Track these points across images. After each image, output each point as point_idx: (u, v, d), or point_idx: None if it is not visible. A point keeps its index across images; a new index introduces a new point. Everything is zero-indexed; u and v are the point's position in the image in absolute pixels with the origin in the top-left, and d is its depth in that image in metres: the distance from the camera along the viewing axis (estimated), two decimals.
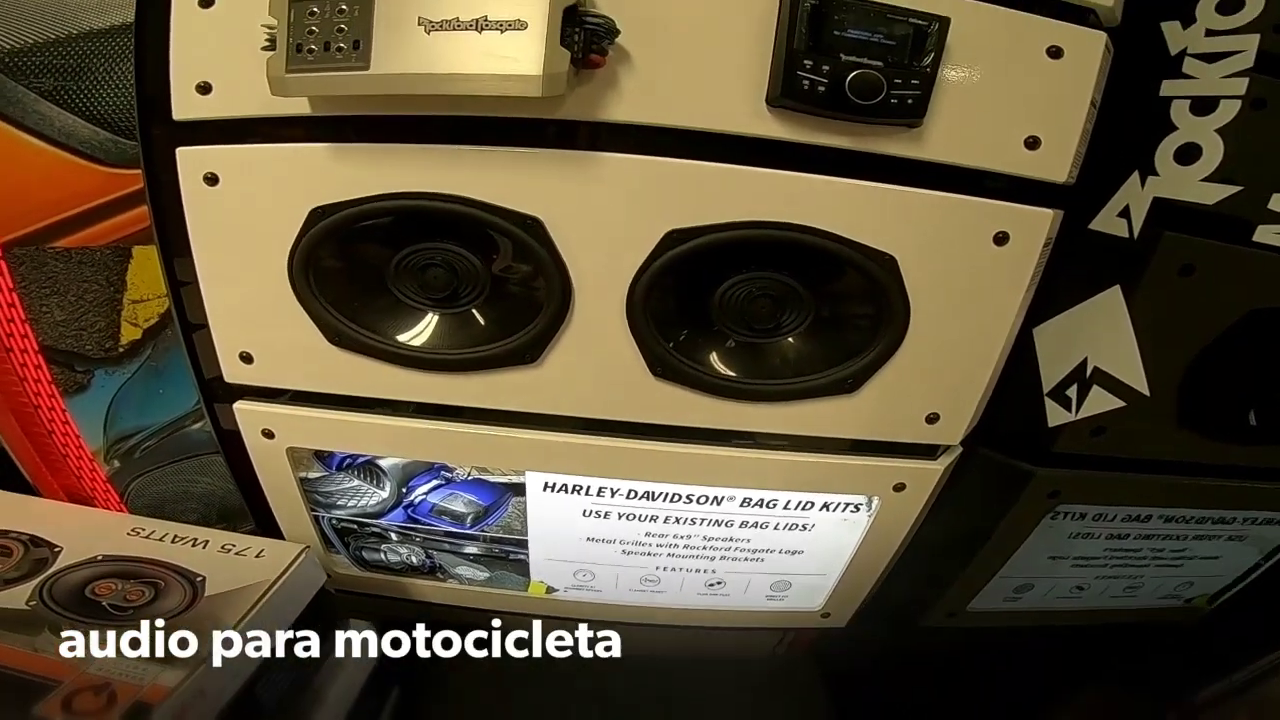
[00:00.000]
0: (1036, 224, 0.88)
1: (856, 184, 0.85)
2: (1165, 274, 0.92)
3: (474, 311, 0.93)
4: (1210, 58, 0.88)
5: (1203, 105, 0.88)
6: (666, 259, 0.86)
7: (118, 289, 1.00)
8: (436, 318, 0.94)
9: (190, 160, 0.88)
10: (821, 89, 0.80)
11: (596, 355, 0.92)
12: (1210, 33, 0.89)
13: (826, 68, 0.79)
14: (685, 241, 0.85)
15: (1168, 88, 0.90)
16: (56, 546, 1.13)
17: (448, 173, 0.85)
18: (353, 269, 0.92)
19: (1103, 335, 0.95)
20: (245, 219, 0.90)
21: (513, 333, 0.92)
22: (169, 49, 0.85)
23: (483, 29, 0.77)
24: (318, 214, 0.87)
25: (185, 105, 0.86)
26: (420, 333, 0.94)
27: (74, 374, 1.06)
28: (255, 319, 0.96)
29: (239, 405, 1.04)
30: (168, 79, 0.86)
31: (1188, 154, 0.88)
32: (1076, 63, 0.84)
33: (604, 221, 0.86)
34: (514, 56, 0.76)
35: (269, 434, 1.06)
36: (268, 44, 0.79)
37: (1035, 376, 1.03)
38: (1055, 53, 0.84)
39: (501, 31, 0.77)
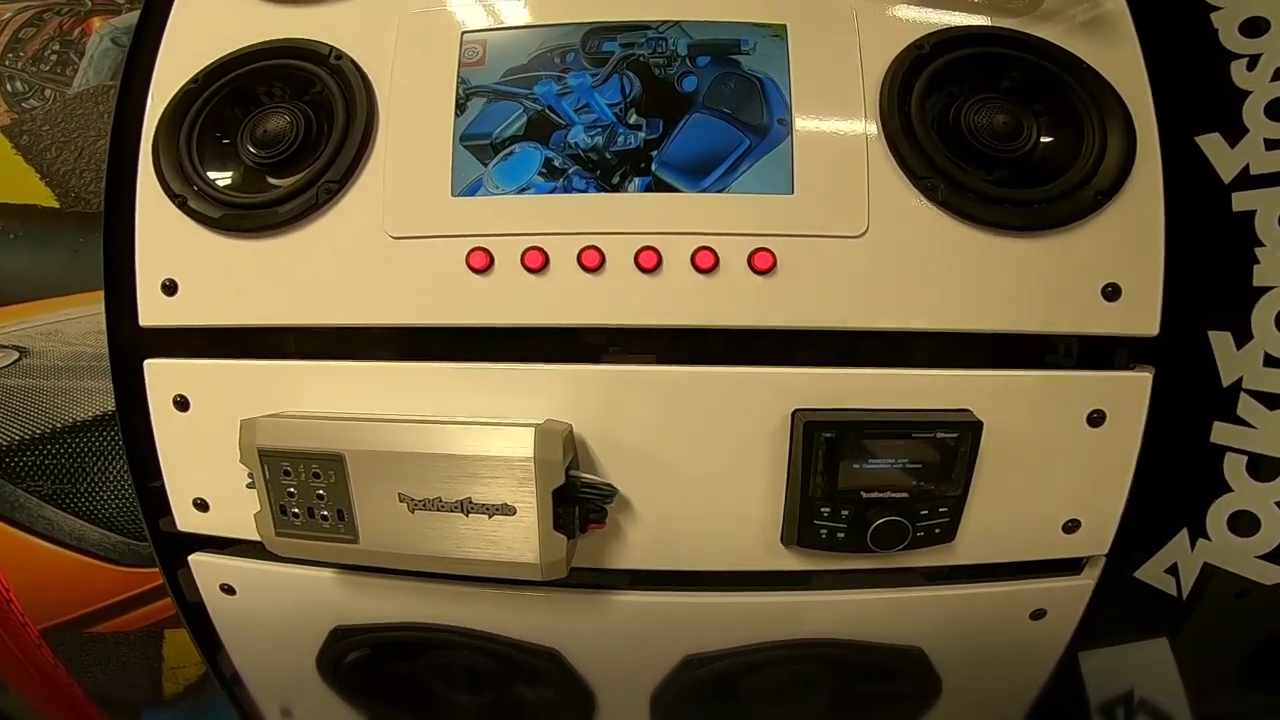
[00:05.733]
0: (1074, 597, 0.79)
1: (879, 596, 0.77)
2: (1217, 607, 0.82)
3: (502, 702, 0.88)
4: (1272, 401, 0.74)
5: (1260, 468, 0.75)
6: (687, 680, 0.79)
7: (155, 660, 0.97)
8: (469, 698, 0.89)
9: (205, 570, 0.84)
10: (841, 535, 0.70)
11: None
12: (1271, 361, 0.75)
13: (845, 512, 0.69)
14: (704, 665, 0.79)
15: (1220, 433, 0.77)
16: None
17: (463, 608, 0.79)
18: (381, 676, 0.87)
19: (1149, 675, 0.86)
20: (268, 626, 0.85)
21: None
22: (158, 459, 0.79)
23: (469, 512, 0.68)
24: (338, 633, 0.82)
25: (187, 519, 0.81)
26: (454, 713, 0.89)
27: (122, 714, 1.05)
28: (291, 690, 0.92)
29: None
30: (164, 491, 0.80)
31: (1243, 525, 0.76)
32: (1119, 425, 0.73)
33: (621, 652, 0.79)
34: (507, 545, 0.68)
35: None
36: (249, 483, 0.72)
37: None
38: (1096, 419, 0.72)
39: (489, 516, 0.68)
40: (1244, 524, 0.76)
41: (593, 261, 0.69)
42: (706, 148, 0.71)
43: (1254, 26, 0.77)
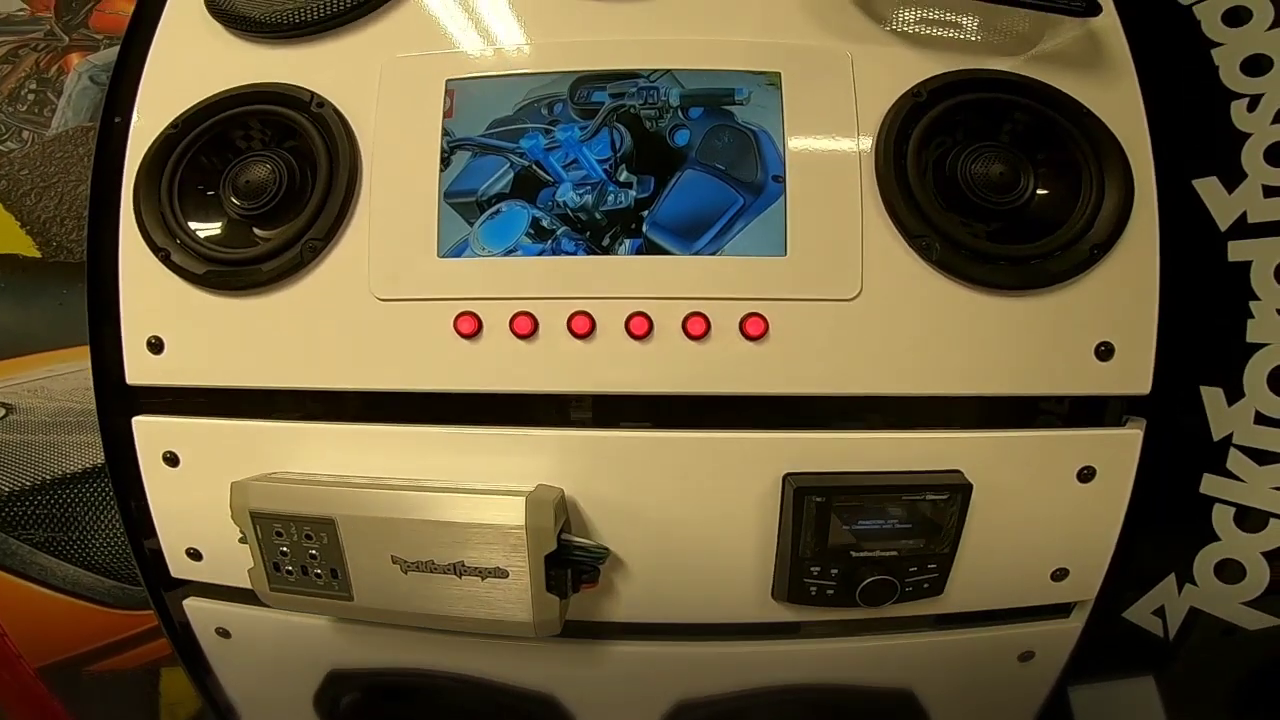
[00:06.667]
0: (1062, 639, 0.80)
1: (869, 643, 0.78)
2: (1203, 647, 0.83)
3: None
4: (1261, 457, 0.74)
5: (1248, 519, 0.75)
6: None
7: (153, 697, 0.98)
8: None
9: (200, 614, 0.84)
10: (831, 592, 0.70)
11: None
12: (1262, 419, 0.75)
13: (835, 570, 0.70)
14: (697, 710, 0.79)
15: (1210, 485, 0.77)
16: None
17: (459, 655, 0.79)
18: (378, 717, 0.88)
19: (1135, 711, 0.88)
20: (264, 669, 0.86)
21: None
22: (150, 512, 0.79)
23: (462, 574, 0.68)
24: (334, 677, 0.83)
25: (180, 568, 0.81)
26: None
27: None
28: None
29: None
30: (158, 542, 0.80)
31: (1230, 572, 0.77)
32: (1109, 480, 0.73)
33: (615, 698, 0.80)
34: (501, 605, 0.68)
35: None
36: (242, 538, 0.72)
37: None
38: (1087, 475, 0.72)
39: (482, 578, 0.68)
40: (1230, 571, 0.77)
41: (583, 328, 0.68)
42: (699, 207, 0.69)
43: (1256, 65, 0.75)
